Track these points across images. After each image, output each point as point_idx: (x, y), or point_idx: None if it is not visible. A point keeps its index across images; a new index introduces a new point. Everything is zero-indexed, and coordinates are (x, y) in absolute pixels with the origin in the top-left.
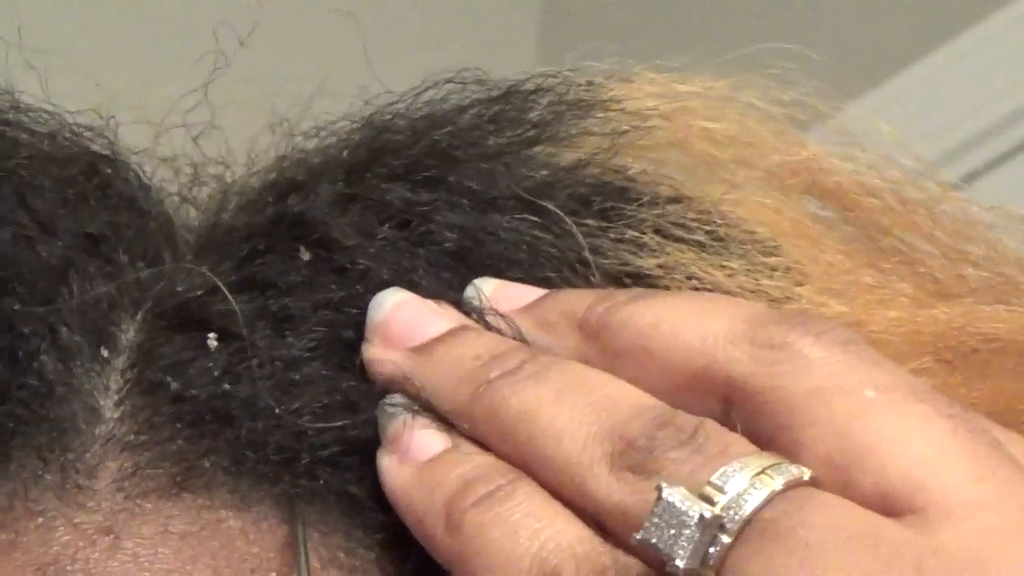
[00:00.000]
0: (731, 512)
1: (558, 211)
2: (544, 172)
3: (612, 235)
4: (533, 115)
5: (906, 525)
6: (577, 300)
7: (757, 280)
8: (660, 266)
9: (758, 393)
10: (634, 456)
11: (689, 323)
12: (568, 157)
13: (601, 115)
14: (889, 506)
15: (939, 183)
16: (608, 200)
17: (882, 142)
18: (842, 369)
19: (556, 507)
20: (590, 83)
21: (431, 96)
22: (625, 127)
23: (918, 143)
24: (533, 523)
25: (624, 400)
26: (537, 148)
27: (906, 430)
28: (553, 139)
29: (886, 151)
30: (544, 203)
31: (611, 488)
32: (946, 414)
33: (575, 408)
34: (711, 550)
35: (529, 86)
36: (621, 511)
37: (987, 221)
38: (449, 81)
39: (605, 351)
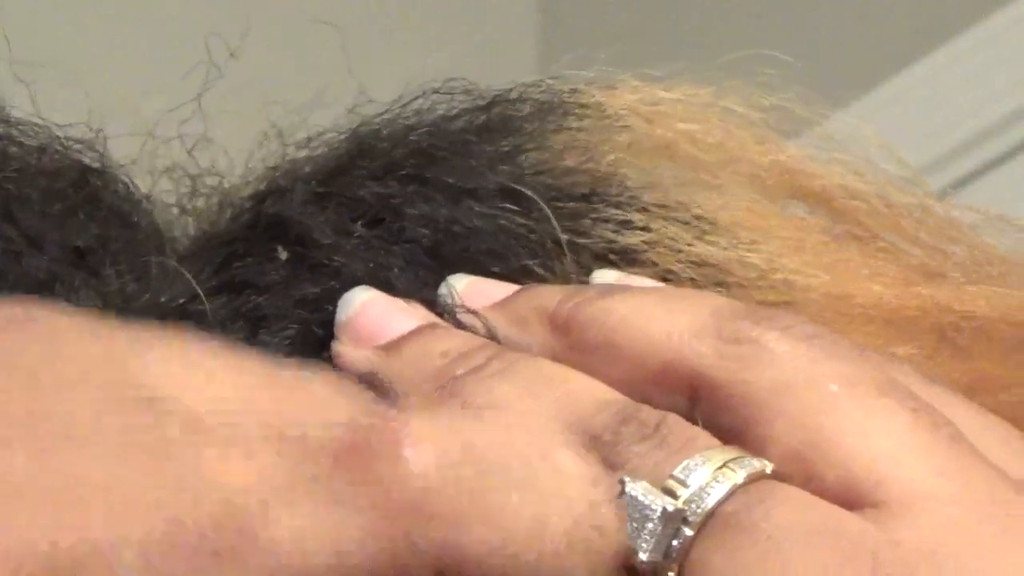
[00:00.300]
0: (693, 505)
1: (533, 195)
2: (525, 170)
3: (594, 215)
4: (516, 122)
5: (867, 518)
6: (549, 295)
7: (742, 253)
8: (645, 242)
9: (723, 387)
10: (599, 450)
11: (656, 318)
12: (549, 159)
13: (579, 112)
14: (852, 499)
15: (923, 188)
16: (589, 187)
17: (868, 147)
18: (807, 363)
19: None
20: (574, 90)
21: (419, 105)
22: (605, 127)
23: (917, 144)
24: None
25: (589, 395)
26: (521, 157)
27: (869, 424)
28: (537, 144)
29: (871, 155)
30: (520, 188)
31: None
32: (909, 407)
33: (540, 403)
34: (674, 543)
35: (514, 95)
36: None
37: (971, 223)
38: (436, 91)
39: (575, 346)
